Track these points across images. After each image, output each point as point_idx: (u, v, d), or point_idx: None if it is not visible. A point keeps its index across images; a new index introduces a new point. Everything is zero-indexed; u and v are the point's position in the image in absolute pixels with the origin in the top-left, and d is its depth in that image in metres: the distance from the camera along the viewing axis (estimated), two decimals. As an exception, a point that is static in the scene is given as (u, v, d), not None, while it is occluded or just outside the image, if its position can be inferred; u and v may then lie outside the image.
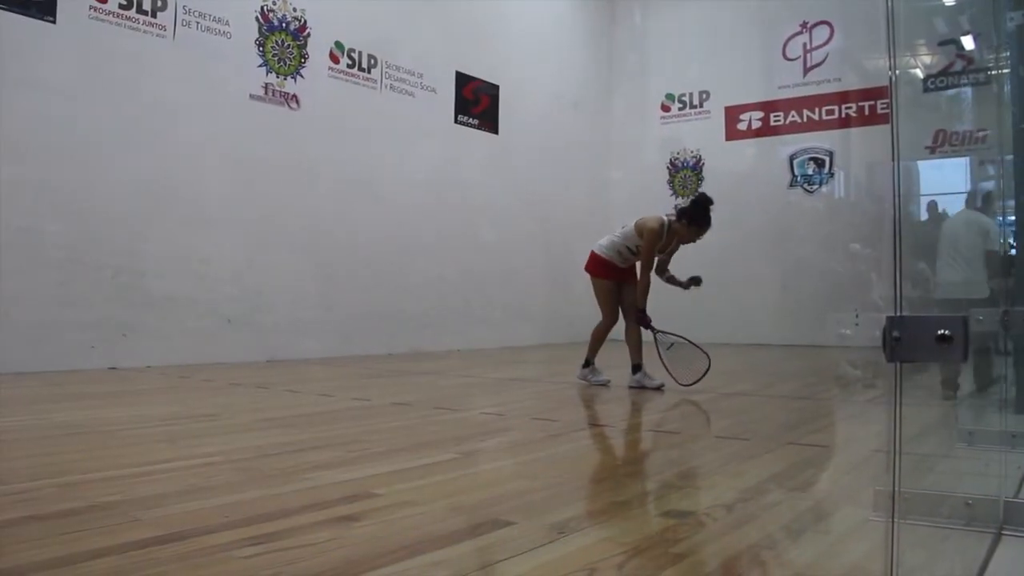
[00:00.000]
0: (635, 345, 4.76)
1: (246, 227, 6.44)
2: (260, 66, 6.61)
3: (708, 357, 4.52)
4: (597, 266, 4.83)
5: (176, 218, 5.96)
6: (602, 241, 4.86)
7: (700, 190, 10.25)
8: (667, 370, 4.65)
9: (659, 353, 4.69)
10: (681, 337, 4.64)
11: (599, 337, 4.91)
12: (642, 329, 4.73)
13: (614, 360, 5.04)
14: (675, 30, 10.73)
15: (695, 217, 4.57)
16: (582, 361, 4.93)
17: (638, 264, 4.80)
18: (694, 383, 4.52)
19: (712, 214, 4.58)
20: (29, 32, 5.16)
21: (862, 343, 6.89)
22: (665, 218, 4.68)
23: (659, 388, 4.60)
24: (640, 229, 4.66)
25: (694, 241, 4.67)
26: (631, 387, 4.69)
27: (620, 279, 4.83)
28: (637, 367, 4.71)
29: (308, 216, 6.90)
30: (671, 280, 4.82)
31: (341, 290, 7.20)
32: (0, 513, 1.81)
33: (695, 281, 4.76)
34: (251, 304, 6.42)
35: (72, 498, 1.95)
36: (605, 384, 4.84)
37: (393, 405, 4.01)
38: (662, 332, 4.67)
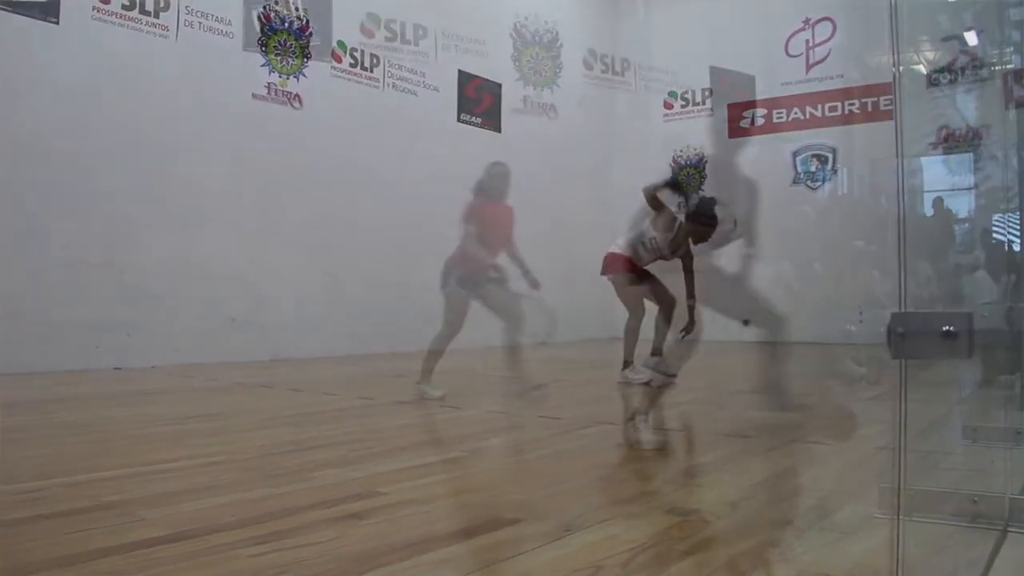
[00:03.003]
0: (663, 335, 4.66)
1: (249, 226, 6.45)
2: (263, 66, 6.61)
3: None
4: (614, 262, 4.78)
5: (180, 217, 5.96)
6: (619, 240, 4.84)
7: (702, 188, 10.26)
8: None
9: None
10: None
11: (633, 335, 4.82)
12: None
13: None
14: (678, 27, 10.70)
15: (691, 215, 4.54)
16: (621, 362, 4.81)
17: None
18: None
19: (717, 212, 4.53)
20: (32, 34, 5.17)
21: (866, 340, 6.87)
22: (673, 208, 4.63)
23: (671, 379, 4.55)
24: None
25: (704, 240, 4.62)
26: (646, 367, 4.59)
27: (639, 273, 4.76)
28: (657, 351, 4.64)
29: (311, 215, 6.90)
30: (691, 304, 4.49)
31: (345, 289, 7.19)
32: (8, 512, 1.82)
33: (686, 327, 4.56)
34: (255, 303, 6.42)
35: (79, 497, 1.95)
36: (648, 383, 4.78)
37: (398, 404, 4.02)
38: None
